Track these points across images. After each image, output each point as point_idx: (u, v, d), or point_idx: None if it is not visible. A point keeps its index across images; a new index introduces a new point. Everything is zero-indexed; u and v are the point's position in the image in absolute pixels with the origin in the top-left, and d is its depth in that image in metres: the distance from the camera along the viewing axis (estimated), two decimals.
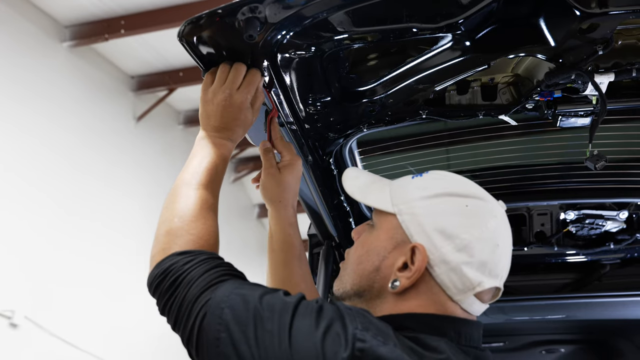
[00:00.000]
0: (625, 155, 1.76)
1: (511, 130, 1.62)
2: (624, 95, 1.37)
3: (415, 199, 1.03)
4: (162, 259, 1.05)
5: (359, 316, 0.93)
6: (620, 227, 1.89)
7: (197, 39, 1.17)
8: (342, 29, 1.19)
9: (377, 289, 1.03)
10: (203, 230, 1.10)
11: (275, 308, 0.93)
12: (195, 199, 1.13)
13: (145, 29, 6.25)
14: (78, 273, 6.18)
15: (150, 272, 1.06)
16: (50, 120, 6.13)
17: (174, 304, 1.00)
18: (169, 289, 1.01)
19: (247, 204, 10.49)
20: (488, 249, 0.99)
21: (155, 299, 1.05)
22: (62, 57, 6.44)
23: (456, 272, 0.98)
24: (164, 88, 7.36)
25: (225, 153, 1.22)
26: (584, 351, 2.78)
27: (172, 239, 1.08)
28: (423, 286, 1.00)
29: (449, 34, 1.22)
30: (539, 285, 2.13)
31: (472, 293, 0.99)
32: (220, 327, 0.92)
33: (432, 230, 0.99)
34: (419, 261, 0.98)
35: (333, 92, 1.38)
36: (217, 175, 1.20)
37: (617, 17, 1.12)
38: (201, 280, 0.99)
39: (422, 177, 1.08)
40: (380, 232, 1.05)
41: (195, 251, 1.06)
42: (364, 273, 1.05)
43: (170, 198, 1.15)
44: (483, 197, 1.05)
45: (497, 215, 1.03)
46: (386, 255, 1.03)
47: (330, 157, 1.61)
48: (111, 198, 6.84)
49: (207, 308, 0.95)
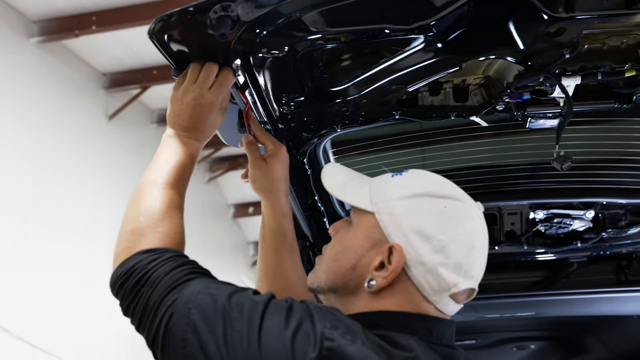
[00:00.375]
0: (592, 156, 1.80)
1: (482, 131, 1.64)
2: (590, 98, 1.40)
3: (394, 198, 1.03)
4: (126, 258, 1.03)
5: (328, 315, 0.93)
6: (586, 226, 1.94)
7: (168, 36, 1.16)
8: (315, 29, 1.20)
9: (352, 287, 1.04)
10: (170, 229, 1.08)
11: (245, 307, 0.92)
12: (162, 197, 1.11)
13: (117, 26, 6.15)
14: (45, 276, 6.06)
15: (114, 272, 1.03)
16: (17, 119, 5.97)
17: (138, 304, 0.98)
18: (133, 288, 0.99)
19: (222, 204, 10.42)
20: (464, 251, 1.00)
21: (119, 299, 1.03)
22: (30, 54, 6.29)
23: (432, 273, 0.99)
24: (137, 86, 7.27)
25: (193, 153, 1.21)
26: (553, 347, 2.84)
27: (137, 238, 1.05)
28: (399, 286, 1.00)
29: (421, 35, 1.23)
30: (510, 283, 2.16)
31: (447, 294, 1.00)
32: (187, 327, 0.91)
33: (409, 230, 1.00)
34: (395, 261, 0.99)
35: (306, 92, 1.39)
36: (185, 175, 1.18)
37: (583, 22, 1.15)
38: (167, 279, 0.97)
39: (402, 176, 1.08)
40: (358, 231, 1.05)
41: (160, 249, 1.04)
42: (340, 270, 1.05)
43: (135, 196, 1.13)
44: (461, 199, 1.05)
45: (474, 216, 1.04)
46: (363, 254, 1.03)
47: (304, 157, 1.61)
48: (81, 198, 6.72)
49: (174, 308, 0.93)
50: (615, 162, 1.81)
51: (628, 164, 1.80)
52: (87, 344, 6.45)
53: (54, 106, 6.52)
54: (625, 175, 1.81)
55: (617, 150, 1.79)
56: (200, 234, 8.46)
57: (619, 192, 1.84)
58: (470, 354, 1.12)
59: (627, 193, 1.83)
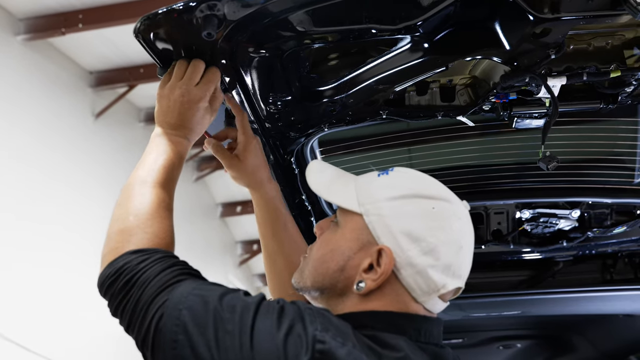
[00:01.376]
0: (578, 156, 1.82)
1: (469, 131, 1.65)
2: (575, 98, 1.41)
3: (382, 199, 1.02)
4: (115, 258, 1.01)
5: (319, 316, 0.93)
6: (572, 225, 1.95)
7: (154, 35, 1.15)
8: (302, 29, 1.19)
9: (340, 288, 1.03)
10: (159, 229, 1.06)
11: (236, 309, 0.91)
12: (151, 197, 1.10)
13: (104, 24, 6.11)
14: (33, 276, 6.01)
15: (102, 272, 1.02)
16: (2, 117, 5.92)
17: (127, 305, 0.97)
18: (123, 289, 0.98)
19: (210, 203, 10.39)
20: (452, 252, 1.01)
21: (107, 300, 1.01)
22: (16, 51, 6.22)
23: (422, 274, 0.99)
24: (124, 84, 7.22)
25: (181, 151, 1.19)
26: (539, 346, 2.86)
27: (125, 238, 1.04)
28: (388, 288, 1.00)
29: (407, 35, 1.23)
30: (496, 283, 2.17)
31: (436, 295, 1.01)
32: (177, 328, 0.90)
33: (398, 232, 0.99)
34: (385, 264, 0.98)
35: (294, 91, 1.38)
36: (174, 174, 1.16)
37: (568, 23, 1.16)
38: (157, 280, 0.96)
39: (388, 175, 1.07)
40: (345, 232, 1.04)
41: (150, 249, 1.02)
42: (328, 272, 1.04)
43: (124, 195, 1.11)
44: (448, 199, 1.05)
45: (461, 217, 1.04)
46: (351, 256, 1.02)
47: (292, 157, 1.61)
48: (67, 198, 6.66)
49: (164, 309, 0.92)
50: (600, 161, 1.82)
51: (613, 163, 1.81)
52: (76, 344, 6.40)
53: (40, 104, 6.46)
54: (610, 175, 1.83)
55: (603, 150, 1.80)
56: (188, 233, 8.43)
57: (604, 192, 1.85)
58: (457, 353, 1.12)
59: (613, 192, 1.85)
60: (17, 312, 5.75)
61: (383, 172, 1.09)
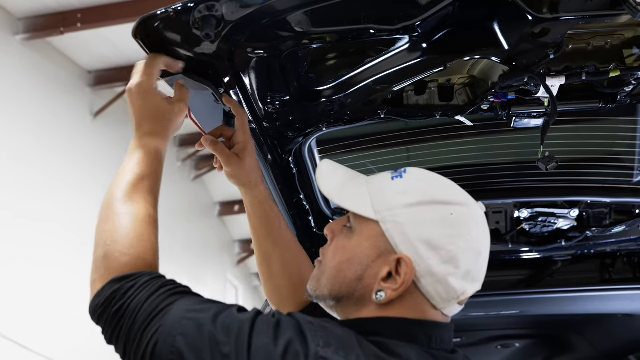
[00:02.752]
0: (576, 155, 1.82)
1: (467, 131, 1.65)
2: (574, 98, 1.41)
3: (398, 206, 0.99)
4: (102, 287, 0.99)
5: (320, 330, 0.91)
6: (571, 224, 1.95)
7: (152, 36, 1.15)
8: (300, 29, 1.19)
9: (357, 297, 1.01)
10: (139, 248, 1.03)
11: (232, 330, 0.90)
12: (128, 216, 1.06)
13: (102, 23, 6.12)
14: (31, 274, 6.01)
15: (91, 301, 1.00)
16: (0, 116, 5.92)
17: (121, 333, 0.96)
18: (114, 318, 0.97)
19: (208, 202, 10.39)
20: (472, 258, 0.99)
21: (101, 327, 1.00)
22: (15, 51, 6.23)
23: (442, 283, 0.97)
24: (122, 83, 7.21)
25: (156, 153, 1.15)
26: (538, 345, 2.86)
27: (109, 264, 1.01)
28: (407, 297, 0.98)
29: (406, 35, 1.23)
30: (494, 282, 2.17)
31: (456, 302, 1.00)
32: (173, 355, 0.89)
33: (417, 241, 0.97)
34: (405, 274, 0.96)
35: (292, 91, 1.38)
36: (152, 183, 1.13)
37: (567, 23, 1.15)
38: (147, 305, 0.95)
39: (402, 179, 1.04)
40: (362, 240, 1.01)
41: (135, 274, 0.99)
42: (345, 281, 1.02)
43: (102, 217, 1.08)
44: (466, 203, 1.03)
45: (479, 221, 1.02)
46: (369, 264, 1.00)
47: (290, 156, 1.61)
48: (66, 197, 6.66)
49: (159, 336, 0.91)
50: (599, 161, 1.82)
51: (612, 162, 1.81)
52: (74, 342, 6.40)
53: (39, 103, 6.46)
54: (609, 174, 1.83)
55: (602, 150, 1.80)
56: (186, 232, 8.43)
57: (603, 191, 1.85)
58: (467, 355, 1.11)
59: (612, 192, 1.85)
60: (16, 310, 5.75)
61: (396, 174, 1.05)
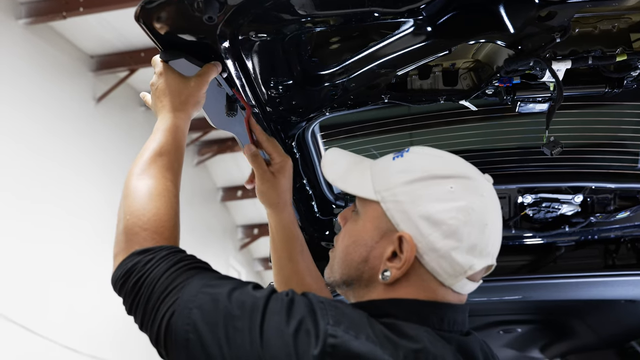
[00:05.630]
0: (581, 140, 1.81)
1: (472, 115, 1.64)
2: (580, 82, 1.40)
3: (397, 184, 0.99)
4: (123, 259, 1.03)
5: (330, 309, 0.92)
6: (575, 210, 1.94)
7: (155, 19, 1.14)
8: (303, 12, 1.18)
9: (365, 279, 1.02)
10: (157, 222, 1.06)
11: (246, 305, 0.92)
12: (146, 189, 1.10)
13: (104, 8, 6.08)
14: (35, 259, 6.04)
15: (113, 273, 1.04)
16: (3, 101, 5.91)
17: (139, 304, 0.99)
18: (133, 289, 1.00)
19: (211, 188, 10.40)
20: (477, 231, 0.97)
21: (121, 298, 1.04)
22: (18, 35, 6.20)
23: (446, 258, 0.96)
24: (125, 68, 7.21)
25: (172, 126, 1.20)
26: (540, 331, 2.87)
27: (129, 238, 1.05)
28: (413, 274, 0.98)
29: (410, 19, 1.22)
30: (497, 267, 2.16)
31: (464, 277, 0.98)
32: (188, 327, 0.91)
33: (417, 217, 0.97)
34: (407, 251, 0.96)
35: (295, 75, 1.37)
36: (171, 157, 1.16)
37: (574, 6, 1.14)
38: (164, 278, 0.98)
39: (402, 158, 1.03)
40: (365, 222, 1.02)
41: (155, 248, 1.03)
42: (352, 264, 1.03)
43: (123, 193, 1.12)
44: (467, 175, 1.01)
45: (483, 193, 1.00)
46: (373, 246, 1.01)
47: (293, 141, 1.60)
48: (69, 181, 6.68)
49: (175, 308, 0.94)
50: (604, 146, 1.81)
51: (617, 148, 1.80)
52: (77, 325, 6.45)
53: (41, 88, 6.45)
54: (614, 159, 1.82)
55: (607, 135, 1.79)
56: (189, 218, 8.45)
57: (607, 177, 1.85)
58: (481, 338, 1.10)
59: (616, 177, 1.84)
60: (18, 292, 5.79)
61: (398, 154, 1.05)
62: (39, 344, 5.89)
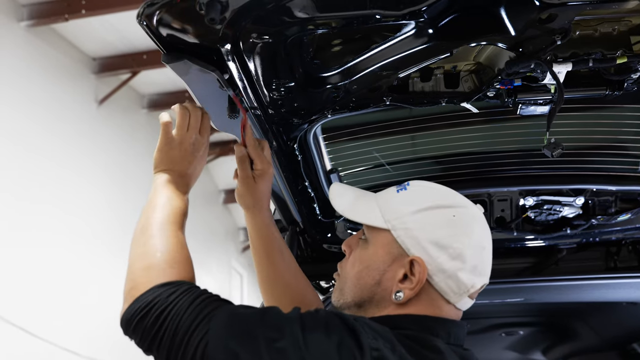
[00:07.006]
0: (582, 142, 1.81)
1: (473, 118, 1.64)
2: (581, 85, 1.40)
3: (405, 214, 1.10)
4: (143, 293, 1.03)
5: (365, 325, 0.98)
6: (576, 212, 1.94)
7: (157, 21, 1.14)
8: (305, 14, 1.18)
9: (377, 300, 1.11)
10: (184, 267, 1.11)
11: (282, 327, 0.95)
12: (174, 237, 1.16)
13: (107, 10, 6.10)
14: (35, 261, 6.04)
15: (128, 308, 1.03)
16: (5, 103, 5.91)
17: (164, 338, 0.98)
18: (155, 322, 0.99)
19: (213, 190, 10.41)
20: (477, 253, 1.09)
21: (136, 336, 1.02)
22: (20, 38, 6.22)
23: (452, 278, 1.07)
24: (127, 71, 7.22)
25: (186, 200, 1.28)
26: (542, 333, 2.87)
27: (152, 273, 1.07)
28: (423, 294, 1.08)
29: (412, 21, 1.22)
30: (499, 269, 2.16)
31: (467, 294, 1.09)
32: (227, 357, 0.92)
33: (426, 242, 1.07)
34: (419, 273, 1.06)
35: (297, 77, 1.38)
36: (184, 218, 1.24)
37: (575, 8, 1.14)
38: (190, 310, 0.99)
39: (406, 191, 1.15)
40: (377, 248, 1.12)
41: (176, 282, 1.06)
42: (366, 287, 1.12)
43: (145, 236, 1.15)
44: (465, 205, 1.13)
45: (479, 219, 1.13)
46: (386, 269, 1.10)
47: (295, 143, 1.61)
48: (71, 183, 6.69)
49: (208, 338, 0.95)
50: (605, 149, 1.81)
51: (618, 150, 1.81)
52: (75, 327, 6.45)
53: (43, 90, 6.46)
54: (615, 162, 1.82)
55: (608, 137, 1.79)
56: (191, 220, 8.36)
57: (609, 179, 1.85)
58: None
59: (617, 180, 1.84)
60: (19, 295, 5.79)
61: (401, 187, 1.17)
62: (38, 346, 5.88)
